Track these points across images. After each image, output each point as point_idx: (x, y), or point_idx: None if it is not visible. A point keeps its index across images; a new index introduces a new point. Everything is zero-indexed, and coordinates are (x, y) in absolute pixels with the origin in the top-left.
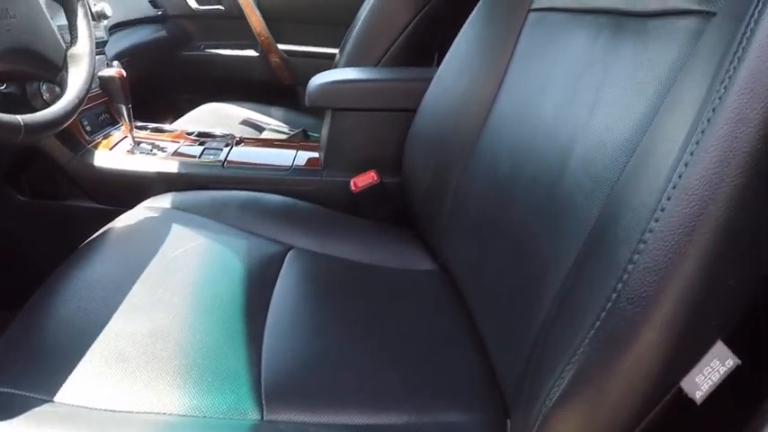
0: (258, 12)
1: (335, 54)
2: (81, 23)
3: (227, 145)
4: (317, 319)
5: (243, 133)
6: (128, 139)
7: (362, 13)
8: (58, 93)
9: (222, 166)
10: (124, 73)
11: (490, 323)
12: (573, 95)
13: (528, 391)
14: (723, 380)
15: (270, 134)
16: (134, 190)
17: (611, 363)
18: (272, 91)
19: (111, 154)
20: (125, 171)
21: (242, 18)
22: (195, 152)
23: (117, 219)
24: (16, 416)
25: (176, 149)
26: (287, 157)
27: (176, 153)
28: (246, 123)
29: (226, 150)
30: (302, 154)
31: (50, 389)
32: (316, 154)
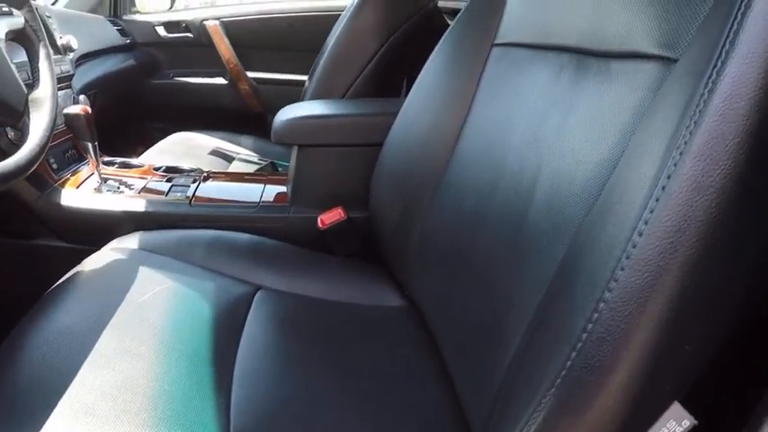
0: (227, 39)
1: (305, 81)
2: (43, 65)
3: (194, 181)
4: (286, 364)
5: (212, 164)
6: (95, 176)
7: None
8: (21, 139)
9: (189, 204)
10: (89, 110)
11: (457, 361)
12: (537, 136)
13: None
14: None
15: (239, 164)
16: (102, 229)
17: (566, 427)
18: (242, 119)
19: (78, 192)
20: (92, 210)
21: (211, 46)
22: (163, 188)
23: (84, 261)
24: None
25: (144, 186)
26: (255, 192)
27: (144, 189)
28: (216, 153)
29: (193, 187)
30: (270, 188)
31: None
32: (284, 188)
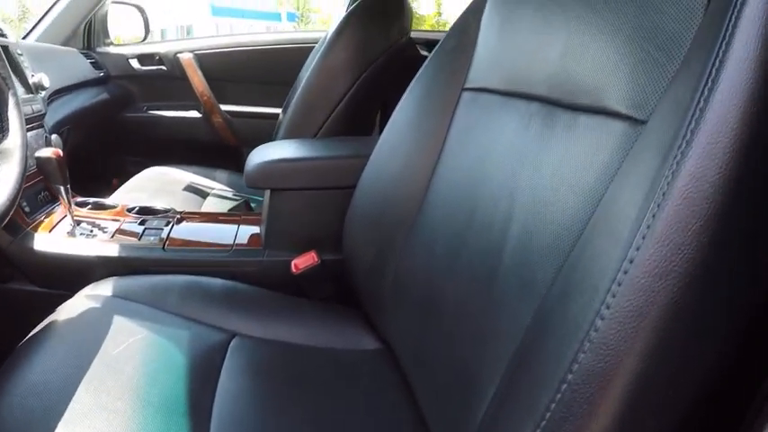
0: (200, 72)
1: (279, 114)
2: (12, 114)
3: (167, 223)
4: (262, 413)
5: (186, 201)
6: (68, 219)
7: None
8: None
9: (163, 249)
10: (61, 153)
11: (432, 407)
12: (506, 189)
13: None
14: None
15: (213, 200)
16: (76, 274)
17: None
18: (217, 152)
19: (51, 237)
20: (66, 255)
21: (185, 79)
22: (137, 230)
23: (58, 310)
24: None
25: (118, 228)
26: (229, 234)
27: (118, 231)
28: (190, 189)
29: (167, 230)
30: (244, 229)
31: None
32: (257, 229)
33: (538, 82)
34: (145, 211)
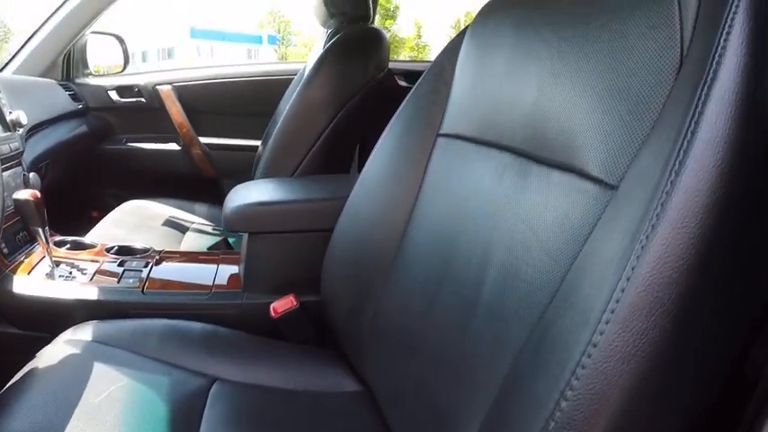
0: (179, 104)
1: (257, 146)
2: None
3: (146, 264)
4: None
5: (165, 237)
6: (46, 260)
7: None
8: None
9: (142, 292)
10: (38, 194)
11: None
12: (481, 238)
13: None
14: None
15: (192, 236)
16: (56, 316)
17: None
18: (196, 184)
19: (30, 279)
20: (45, 298)
21: (163, 111)
22: (116, 271)
23: (38, 356)
24: None
25: (97, 269)
26: (208, 274)
27: (98, 272)
28: (169, 224)
29: (146, 271)
30: (223, 269)
31: None
32: (236, 268)
33: (511, 133)
34: (124, 251)
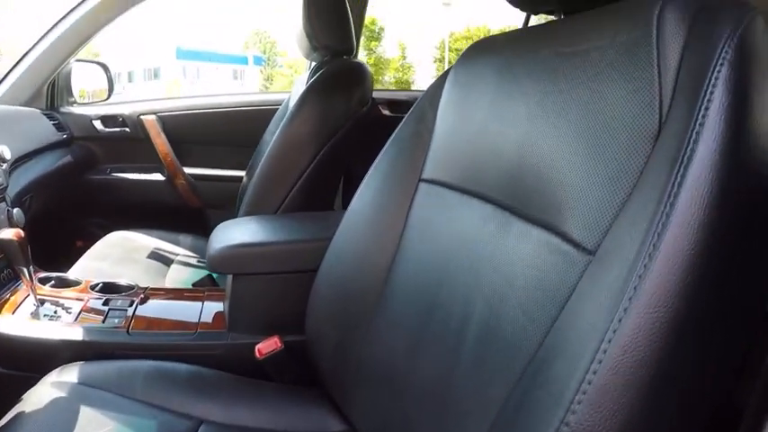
0: (163, 134)
1: (242, 177)
2: None
3: (131, 303)
4: None
5: (150, 270)
6: (31, 299)
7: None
8: None
9: (128, 332)
10: (22, 233)
11: None
12: (463, 288)
13: None
14: None
15: (177, 268)
16: (41, 356)
17: None
18: (181, 214)
19: (14, 319)
20: (30, 339)
21: (148, 140)
22: (101, 309)
23: (24, 399)
24: None
25: (82, 307)
26: (193, 312)
27: (83, 310)
28: (154, 256)
29: (131, 310)
30: (209, 307)
31: None
32: (221, 306)
33: (492, 184)
34: (108, 289)
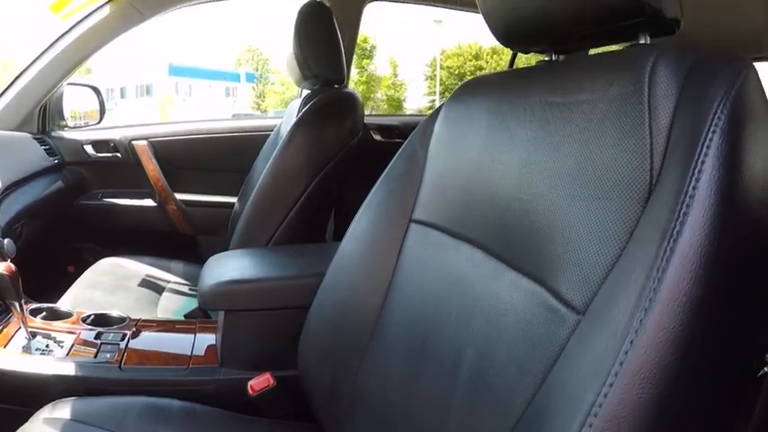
0: (155, 160)
1: (234, 203)
2: None
3: (123, 337)
4: None
5: (141, 298)
6: (22, 332)
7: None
8: None
9: (120, 368)
10: (13, 268)
11: None
12: (454, 335)
13: None
14: None
15: (169, 296)
16: (33, 390)
17: None
18: (172, 240)
19: (5, 354)
20: (22, 373)
21: (139, 166)
22: (93, 342)
23: None
24: None
25: (74, 341)
26: (186, 344)
27: (75, 344)
28: (145, 284)
29: (123, 344)
30: (201, 339)
31: None
32: (213, 338)
33: (482, 230)
34: (100, 321)
